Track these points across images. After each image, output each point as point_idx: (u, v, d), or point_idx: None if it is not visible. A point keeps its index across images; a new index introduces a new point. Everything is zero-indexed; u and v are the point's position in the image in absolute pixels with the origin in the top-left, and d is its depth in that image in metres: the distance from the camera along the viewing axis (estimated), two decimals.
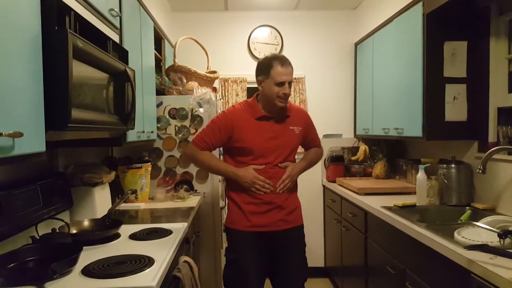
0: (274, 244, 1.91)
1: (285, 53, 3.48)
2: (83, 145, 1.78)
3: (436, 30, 2.17)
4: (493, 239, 1.38)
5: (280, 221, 1.89)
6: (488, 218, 1.60)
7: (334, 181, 3.28)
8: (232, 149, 1.92)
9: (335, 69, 3.64)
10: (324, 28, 3.63)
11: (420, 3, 2.24)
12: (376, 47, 3.03)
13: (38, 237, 1.40)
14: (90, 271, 1.24)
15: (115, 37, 1.74)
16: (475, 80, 2.15)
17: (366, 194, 2.61)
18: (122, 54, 1.73)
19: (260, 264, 1.90)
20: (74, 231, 1.64)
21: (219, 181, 2.80)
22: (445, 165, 2.20)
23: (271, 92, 1.85)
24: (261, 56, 3.57)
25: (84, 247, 1.34)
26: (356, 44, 3.53)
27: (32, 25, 1.02)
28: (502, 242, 1.30)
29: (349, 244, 2.81)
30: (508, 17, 2.00)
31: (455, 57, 2.16)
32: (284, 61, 1.85)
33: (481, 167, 1.71)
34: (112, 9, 1.67)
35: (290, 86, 1.86)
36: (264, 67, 1.86)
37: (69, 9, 1.23)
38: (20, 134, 0.89)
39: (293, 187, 1.96)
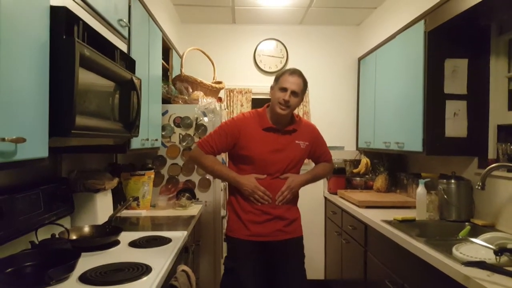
0: (273, 254, 1.91)
1: (290, 66, 3.52)
2: (88, 151, 1.80)
3: (438, 48, 2.20)
4: (491, 256, 1.37)
5: (279, 232, 1.89)
6: (487, 235, 1.59)
7: (335, 193, 3.28)
8: (236, 156, 1.94)
9: (338, 82, 3.68)
10: (329, 42, 3.68)
11: (422, 21, 2.28)
12: (378, 63, 3.07)
13: (37, 242, 1.41)
14: (88, 278, 1.24)
15: (123, 46, 1.77)
16: (476, 97, 2.17)
17: (367, 207, 2.61)
18: (129, 63, 1.77)
19: (258, 274, 1.89)
20: (74, 237, 1.65)
21: (221, 190, 2.81)
22: (445, 181, 2.20)
23: (274, 98, 1.89)
24: (266, 68, 3.64)
25: (83, 254, 1.35)
26: (360, 59, 3.57)
27: (41, 33, 1.04)
28: (498, 259, 1.30)
29: (349, 257, 2.79)
30: (508, 37, 2.03)
31: (456, 74, 2.18)
32: (294, 72, 1.90)
33: (480, 183, 1.72)
34: (121, 20, 1.70)
35: (294, 97, 1.86)
36: (278, 76, 1.93)
37: (78, 19, 1.25)
38: (23, 140, 0.90)
39: (293, 199, 1.96)
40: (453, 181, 2.18)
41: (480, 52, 2.15)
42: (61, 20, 1.13)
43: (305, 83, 1.92)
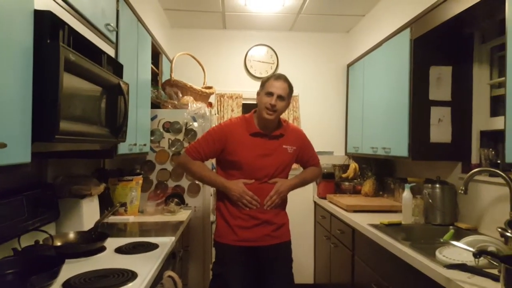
0: (261, 259, 1.92)
1: (280, 71, 3.53)
2: (74, 156, 1.79)
3: (423, 55, 2.25)
4: (472, 259, 1.39)
5: (267, 236, 1.90)
6: (469, 238, 1.63)
7: (324, 198, 3.30)
8: (224, 161, 1.95)
9: (328, 88, 3.72)
10: (318, 49, 3.72)
11: (408, 29, 2.32)
12: (366, 69, 3.11)
13: (20, 249, 1.38)
14: (71, 285, 1.23)
15: (110, 51, 1.77)
16: (459, 103, 2.21)
17: (354, 211, 2.63)
18: (117, 68, 1.75)
19: (246, 279, 1.89)
20: (59, 244, 1.63)
21: (211, 195, 2.81)
22: (430, 185, 2.24)
23: (261, 103, 1.91)
24: (257, 73, 3.66)
25: (67, 260, 1.33)
26: (348, 66, 3.61)
27: (24, 37, 1.04)
28: (477, 261, 1.33)
29: (337, 261, 2.81)
30: (490, 45, 2.09)
31: (440, 81, 2.23)
32: (279, 77, 1.93)
33: (463, 188, 1.75)
34: (108, 24, 1.70)
35: (281, 101, 1.89)
36: (263, 81, 1.95)
37: (64, 23, 1.24)
38: (3, 145, 0.89)
39: (282, 204, 1.97)
40: (437, 185, 2.22)
41: (464, 60, 2.20)
42: (46, 24, 1.12)
43: (290, 88, 1.94)
